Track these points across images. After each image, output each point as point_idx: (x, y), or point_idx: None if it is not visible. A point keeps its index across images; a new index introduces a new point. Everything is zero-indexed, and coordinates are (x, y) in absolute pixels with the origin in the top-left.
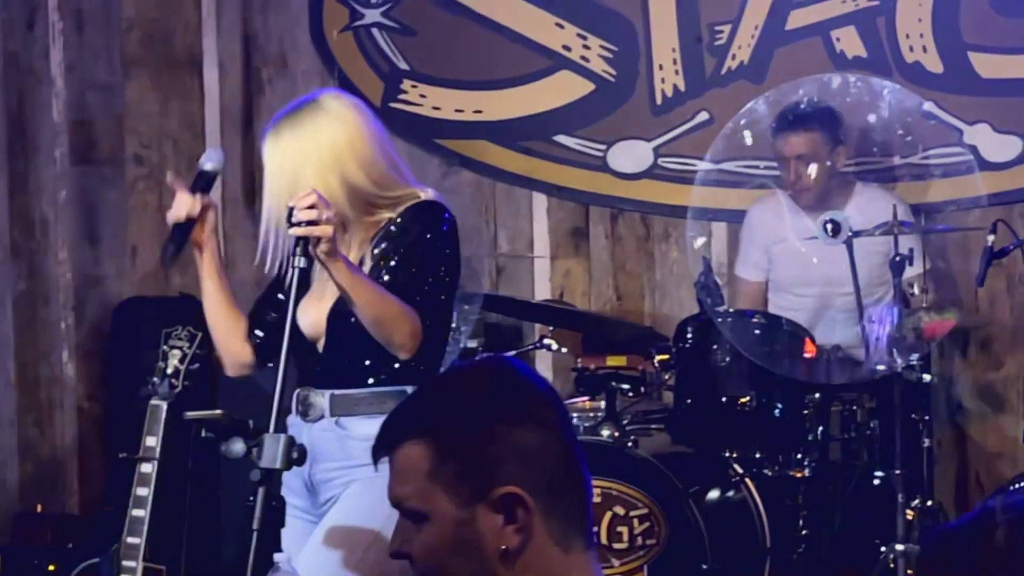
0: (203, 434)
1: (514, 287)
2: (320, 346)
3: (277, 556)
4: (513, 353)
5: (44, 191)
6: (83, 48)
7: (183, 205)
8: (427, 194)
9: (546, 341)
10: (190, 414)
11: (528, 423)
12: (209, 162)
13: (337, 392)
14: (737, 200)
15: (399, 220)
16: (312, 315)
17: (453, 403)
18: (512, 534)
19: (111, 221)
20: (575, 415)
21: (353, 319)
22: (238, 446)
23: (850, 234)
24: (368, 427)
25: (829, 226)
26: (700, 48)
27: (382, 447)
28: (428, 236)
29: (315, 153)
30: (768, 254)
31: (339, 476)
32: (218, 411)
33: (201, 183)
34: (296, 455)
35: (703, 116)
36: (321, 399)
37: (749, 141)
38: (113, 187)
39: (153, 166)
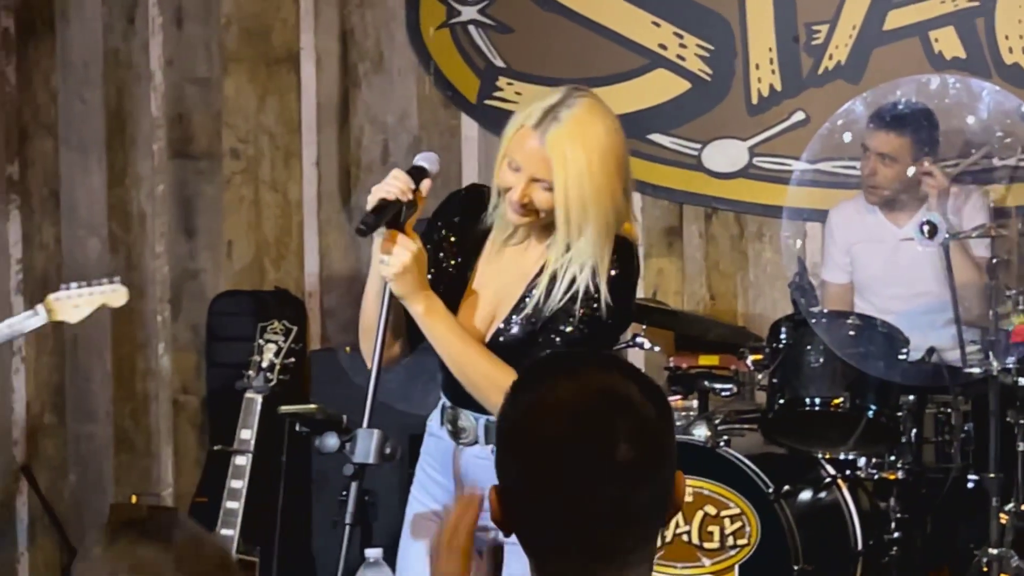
0: (297, 428)
1: None
2: None
3: (369, 551)
4: None
5: (142, 184)
6: (182, 43)
7: (397, 184)
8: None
9: (639, 339)
10: (285, 408)
11: (510, 454)
12: (425, 161)
13: (493, 419)
14: (833, 201)
15: (613, 272)
16: (471, 329)
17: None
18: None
19: (207, 215)
20: None
21: (512, 344)
22: (332, 441)
23: (947, 236)
24: None
25: (926, 228)
26: (797, 47)
27: None
28: (619, 306)
29: (614, 152)
30: (850, 255)
31: None
32: (313, 405)
33: (412, 176)
34: (389, 451)
35: (799, 116)
36: (473, 423)
37: (846, 141)
38: (210, 181)
39: (249, 160)
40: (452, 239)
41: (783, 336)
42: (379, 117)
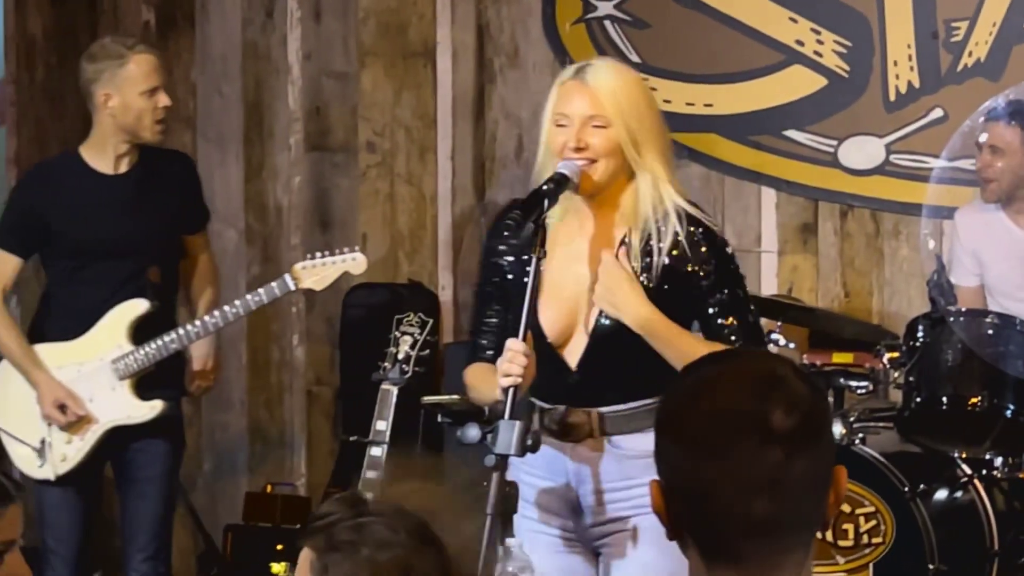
0: (439, 419)
1: None
2: (574, 362)
3: (510, 540)
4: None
5: (279, 177)
6: (320, 37)
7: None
8: None
9: (773, 336)
10: (427, 399)
11: (669, 436)
12: (567, 169)
13: (605, 410)
14: (972, 199)
15: (699, 230)
16: (559, 323)
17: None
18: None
19: (343, 207)
20: None
21: (625, 335)
22: (473, 431)
23: None
24: (645, 443)
25: None
26: (936, 44)
27: None
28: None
29: (647, 87)
30: (977, 258)
31: (618, 499)
32: (455, 396)
33: (553, 181)
34: (531, 442)
35: (937, 113)
36: (585, 418)
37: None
38: (345, 174)
39: (385, 154)
40: (510, 259)
41: (920, 334)
42: (514, 112)
